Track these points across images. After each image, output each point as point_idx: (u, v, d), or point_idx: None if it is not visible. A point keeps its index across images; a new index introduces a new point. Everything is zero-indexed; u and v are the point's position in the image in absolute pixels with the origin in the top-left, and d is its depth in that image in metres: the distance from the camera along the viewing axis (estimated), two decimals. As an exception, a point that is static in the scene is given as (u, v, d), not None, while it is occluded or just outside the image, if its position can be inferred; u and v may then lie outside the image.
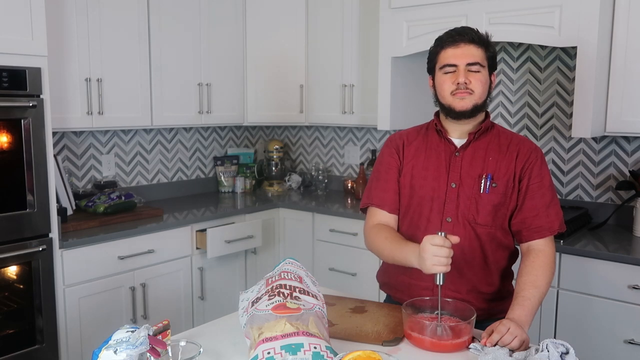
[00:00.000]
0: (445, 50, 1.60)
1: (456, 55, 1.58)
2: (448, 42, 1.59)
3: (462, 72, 1.57)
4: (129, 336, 1.15)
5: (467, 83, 1.57)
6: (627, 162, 2.77)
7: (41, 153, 2.38)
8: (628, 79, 2.43)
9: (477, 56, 1.58)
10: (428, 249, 1.41)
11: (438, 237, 1.42)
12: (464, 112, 1.60)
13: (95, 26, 2.79)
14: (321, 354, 1.19)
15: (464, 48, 1.57)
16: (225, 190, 3.81)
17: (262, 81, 3.61)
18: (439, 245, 1.40)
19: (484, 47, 1.59)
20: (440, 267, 1.41)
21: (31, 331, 2.42)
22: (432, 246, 1.41)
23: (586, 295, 2.35)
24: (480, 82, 1.58)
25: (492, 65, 1.63)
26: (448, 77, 1.60)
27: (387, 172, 1.73)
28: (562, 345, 1.29)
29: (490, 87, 1.64)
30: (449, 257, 1.41)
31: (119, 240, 2.68)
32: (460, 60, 1.58)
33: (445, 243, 1.41)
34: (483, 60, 1.59)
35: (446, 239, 1.41)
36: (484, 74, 1.59)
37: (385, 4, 3.00)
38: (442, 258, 1.40)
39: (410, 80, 3.16)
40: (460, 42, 1.58)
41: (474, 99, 1.59)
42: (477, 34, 1.60)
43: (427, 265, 1.42)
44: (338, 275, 3.21)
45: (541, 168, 1.63)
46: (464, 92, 1.58)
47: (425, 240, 1.43)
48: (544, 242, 1.60)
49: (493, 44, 1.63)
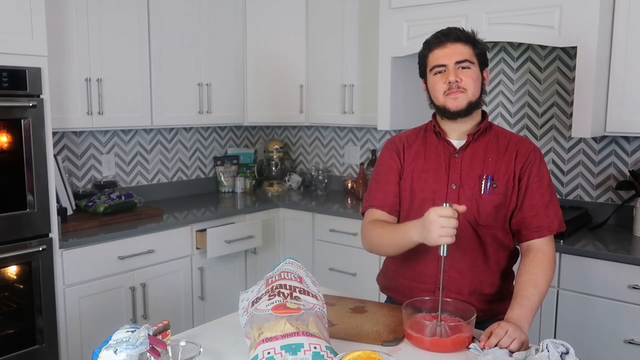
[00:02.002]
0: (433, 52, 1.61)
1: (444, 55, 1.59)
2: (435, 43, 1.61)
3: (452, 71, 1.58)
4: (129, 336, 1.15)
5: (458, 81, 1.57)
6: (627, 162, 2.77)
7: (41, 153, 2.38)
8: (628, 79, 2.42)
9: (465, 53, 1.58)
10: (436, 220, 1.39)
11: (446, 208, 1.40)
12: (459, 111, 1.60)
13: (95, 26, 2.79)
14: (321, 354, 1.19)
15: (451, 47, 1.58)
16: (225, 190, 3.81)
17: (262, 81, 3.61)
18: (447, 217, 1.39)
19: (471, 44, 1.60)
20: (447, 238, 1.40)
21: (31, 331, 2.42)
22: (440, 217, 1.39)
23: (586, 295, 2.35)
24: (471, 78, 1.58)
25: (482, 62, 1.63)
26: (439, 77, 1.60)
27: (388, 175, 1.72)
28: (562, 345, 1.29)
29: (484, 84, 1.64)
30: (456, 228, 1.40)
31: (119, 240, 2.68)
32: (448, 60, 1.58)
33: (453, 214, 1.40)
34: (472, 57, 1.59)
35: (453, 209, 1.41)
36: (474, 71, 1.60)
37: (385, 4, 3.00)
38: (449, 229, 1.39)
39: (410, 80, 3.16)
40: (447, 41, 1.59)
41: (467, 97, 1.59)
42: (462, 32, 1.61)
43: (433, 236, 1.40)
44: (338, 275, 3.21)
45: (540, 167, 1.63)
46: (457, 92, 1.58)
47: (432, 212, 1.41)
48: (544, 241, 1.60)
49: (481, 41, 1.64)
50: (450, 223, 1.39)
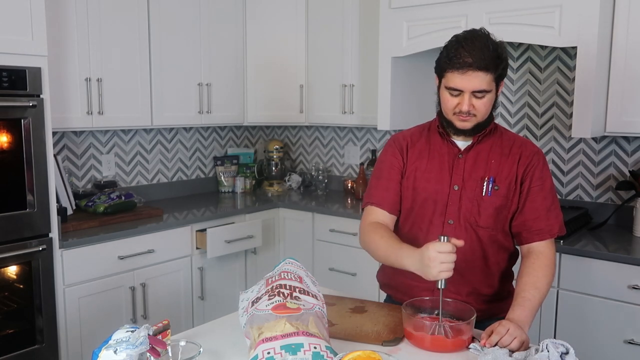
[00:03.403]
0: (452, 73, 1.52)
1: (462, 82, 1.51)
2: (456, 66, 1.50)
3: (466, 100, 1.52)
4: (129, 336, 1.15)
5: (470, 109, 1.54)
6: (627, 162, 2.77)
7: (41, 153, 2.38)
8: (628, 79, 2.42)
9: (484, 83, 1.50)
10: (435, 257, 1.38)
11: (444, 244, 1.39)
12: (465, 130, 1.59)
13: (95, 26, 2.79)
14: (321, 354, 1.19)
15: (471, 76, 1.49)
16: (225, 190, 3.81)
17: (262, 81, 3.61)
18: (446, 253, 1.38)
19: (493, 71, 1.50)
20: (446, 273, 1.39)
21: (31, 331, 2.42)
22: (440, 254, 1.38)
23: (586, 295, 2.35)
24: (484, 105, 1.54)
25: (502, 76, 1.56)
26: (452, 98, 1.55)
27: (390, 172, 1.71)
28: (562, 345, 1.29)
29: (497, 97, 1.59)
30: (454, 262, 1.40)
31: (119, 240, 2.68)
32: (466, 88, 1.52)
33: (453, 250, 1.39)
34: (490, 84, 1.52)
35: (452, 244, 1.39)
36: (489, 98, 1.54)
37: (385, 4, 3.00)
38: (449, 264, 1.39)
39: (411, 80, 3.16)
40: (468, 69, 1.49)
41: (476, 120, 1.57)
42: (487, 59, 1.48)
43: (433, 273, 1.39)
44: (338, 275, 3.21)
45: (543, 171, 1.62)
46: (467, 117, 1.55)
47: (430, 248, 1.39)
48: (544, 244, 1.59)
49: (505, 53, 1.54)
50: (449, 258, 1.38)
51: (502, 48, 1.54)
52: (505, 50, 1.56)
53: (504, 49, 1.54)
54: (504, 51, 1.54)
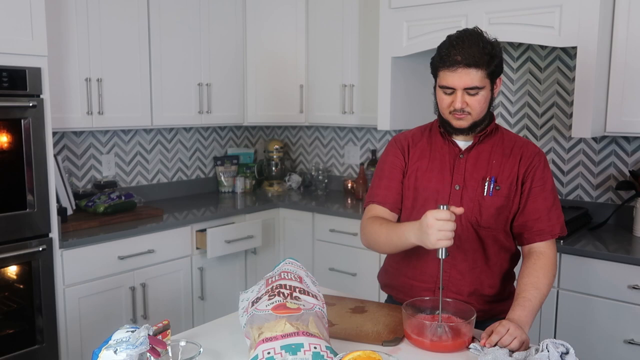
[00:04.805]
0: (444, 71, 1.54)
1: (453, 80, 1.52)
2: (447, 64, 1.52)
3: (459, 97, 1.53)
4: (129, 336, 1.15)
5: (464, 107, 1.54)
6: (627, 162, 2.77)
7: (41, 153, 2.38)
8: (628, 79, 2.42)
9: (476, 79, 1.51)
10: (433, 224, 1.38)
11: (443, 211, 1.38)
12: (462, 129, 1.60)
13: (95, 26, 2.79)
14: (321, 354, 1.19)
15: (462, 72, 1.50)
16: (225, 190, 3.81)
17: (262, 81, 3.61)
18: (444, 220, 1.38)
19: (484, 67, 1.51)
20: (445, 242, 1.38)
21: (31, 331, 2.42)
22: (438, 221, 1.38)
23: (586, 295, 2.35)
24: (478, 102, 1.54)
25: (496, 73, 1.56)
26: (446, 97, 1.57)
27: (391, 172, 1.72)
28: (562, 345, 1.29)
29: (493, 95, 1.59)
30: (454, 231, 1.39)
31: (119, 240, 2.68)
32: (457, 85, 1.53)
33: (451, 217, 1.38)
34: (482, 81, 1.52)
35: (450, 212, 1.39)
36: (483, 95, 1.54)
37: (385, 4, 3.00)
38: (447, 232, 1.38)
39: (411, 80, 3.16)
40: (458, 67, 1.50)
41: (472, 119, 1.57)
42: (477, 56, 1.50)
43: (431, 240, 1.39)
44: (338, 275, 3.21)
45: (544, 171, 1.62)
46: (462, 115, 1.56)
47: (429, 215, 1.39)
48: (545, 244, 1.60)
49: (498, 51, 1.54)
50: (447, 226, 1.38)
51: (495, 45, 1.55)
52: (499, 48, 1.56)
53: (496, 47, 1.55)
54: (497, 48, 1.55)
